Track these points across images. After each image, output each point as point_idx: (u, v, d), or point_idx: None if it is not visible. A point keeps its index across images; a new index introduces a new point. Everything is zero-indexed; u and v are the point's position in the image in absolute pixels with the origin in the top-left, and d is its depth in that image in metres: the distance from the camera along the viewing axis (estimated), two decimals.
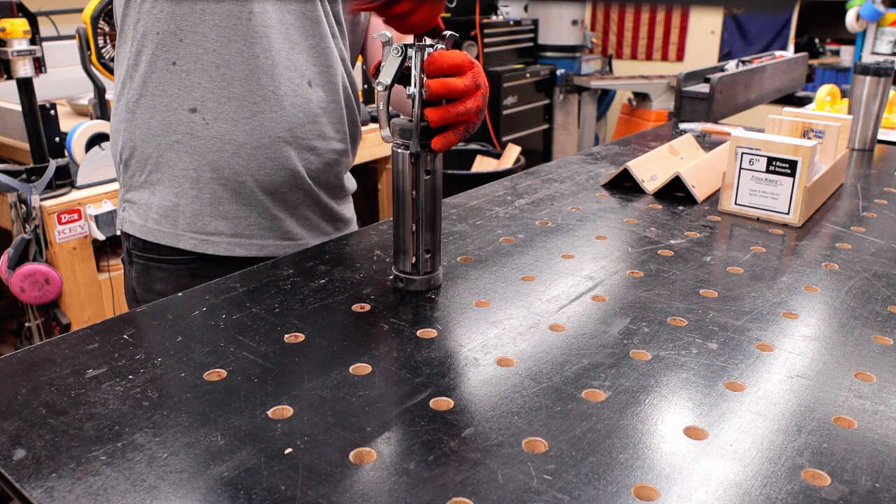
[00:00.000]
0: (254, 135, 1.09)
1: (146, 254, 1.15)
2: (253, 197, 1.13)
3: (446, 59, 0.84)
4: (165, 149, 1.10)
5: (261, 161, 1.11)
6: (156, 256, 1.14)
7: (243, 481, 0.59)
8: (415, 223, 0.92)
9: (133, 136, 1.12)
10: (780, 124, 1.48)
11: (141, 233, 1.14)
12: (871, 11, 4.46)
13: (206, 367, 0.76)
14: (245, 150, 1.10)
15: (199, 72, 1.06)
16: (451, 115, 0.85)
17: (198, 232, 1.12)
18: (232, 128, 1.08)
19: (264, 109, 1.09)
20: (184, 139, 1.09)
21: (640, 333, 0.85)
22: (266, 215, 1.15)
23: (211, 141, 1.09)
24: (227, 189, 1.11)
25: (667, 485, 0.60)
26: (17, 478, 0.59)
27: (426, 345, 0.82)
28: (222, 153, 1.09)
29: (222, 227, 1.13)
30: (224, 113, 1.08)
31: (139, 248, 1.15)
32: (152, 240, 1.13)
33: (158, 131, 1.10)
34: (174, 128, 1.09)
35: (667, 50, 6.01)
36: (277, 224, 1.16)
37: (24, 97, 2.17)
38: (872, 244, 1.16)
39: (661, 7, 5.82)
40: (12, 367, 0.76)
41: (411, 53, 0.84)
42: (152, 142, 1.10)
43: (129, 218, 1.15)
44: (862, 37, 4.67)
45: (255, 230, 1.15)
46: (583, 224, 1.23)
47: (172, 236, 1.12)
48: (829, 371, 0.78)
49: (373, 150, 3.06)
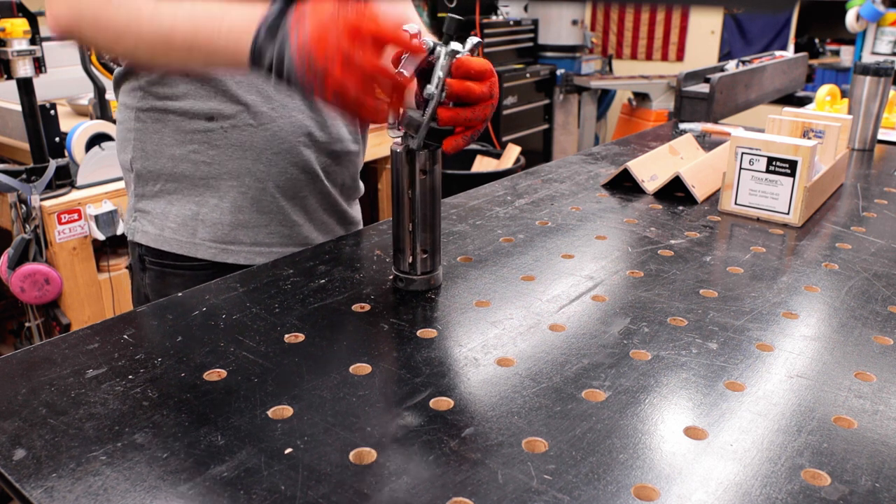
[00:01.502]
0: (274, 140, 1.08)
1: (162, 259, 1.13)
2: (274, 203, 1.12)
3: (474, 65, 0.83)
4: (181, 159, 1.08)
5: (282, 166, 1.10)
6: (172, 262, 1.12)
7: (243, 481, 0.59)
8: (411, 223, 0.92)
9: (145, 146, 1.09)
10: (780, 124, 1.48)
11: (156, 242, 1.11)
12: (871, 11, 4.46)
13: (205, 367, 0.76)
14: (266, 156, 1.08)
15: (213, 80, 1.04)
16: (460, 118, 0.84)
17: (217, 241, 1.11)
18: (251, 135, 1.07)
19: (283, 115, 1.08)
20: (201, 149, 1.07)
21: (640, 333, 0.85)
22: (286, 222, 1.14)
23: (230, 149, 1.07)
24: (248, 197, 1.10)
25: (667, 485, 0.60)
26: (17, 478, 0.59)
27: (426, 345, 0.82)
28: (243, 160, 1.08)
29: (242, 235, 1.11)
30: (242, 120, 1.06)
31: (154, 255, 1.13)
32: (169, 249, 1.11)
33: (173, 142, 1.07)
34: (190, 137, 1.07)
35: (667, 50, 6.01)
36: (297, 231, 1.16)
37: (24, 97, 2.17)
38: (872, 244, 1.16)
39: (661, 7, 5.82)
40: (12, 367, 0.76)
41: (439, 52, 0.83)
42: (166, 152, 1.08)
43: (143, 228, 1.13)
44: (862, 37, 4.67)
45: (274, 238, 1.14)
46: (583, 224, 1.23)
47: (191, 246, 1.10)
48: (829, 371, 0.78)
49: (373, 150, 3.06)
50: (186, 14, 0.80)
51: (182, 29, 0.80)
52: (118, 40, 0.86)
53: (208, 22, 0.79)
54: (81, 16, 0.85)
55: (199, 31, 0.80)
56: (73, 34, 0.88)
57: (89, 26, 0.86)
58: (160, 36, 0.82)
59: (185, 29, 0.80)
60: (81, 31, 0.86)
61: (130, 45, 0.85)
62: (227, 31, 0.78)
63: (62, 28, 0.87)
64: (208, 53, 0.80)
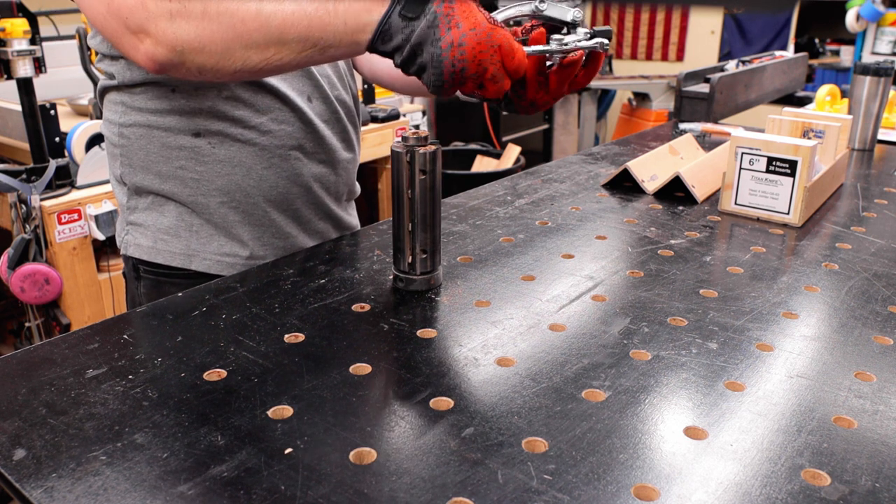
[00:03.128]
0: (263, 154, 1.06)
1: (157, 269, 1.11)
2: (266, 217, 1.10)
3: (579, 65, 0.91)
4: (169, 176, 1.05)
5: (272, 181, 1.08)
6: (167, 272, 1.10)
7: (243, 481, 0.59)
8: (411, 223, 0.92)
9: (132, 161, 1.07)
10: (780, 124, 1.48)
11: (149, 255, 1.09)
12: (871, 11, 4.47)
13: (206, 367, 0.76)
14: (256, 171, 1.07)
15: (199, 97, 1.02)
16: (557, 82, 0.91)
17: (212, 253, 1.09)
18: (239, 150, 1.05)
19: (272, 129, 1.06)
20: (188, 165, 1.05)
21: (640, 333, 0.85)
22: (279, 234, 1.12)
23: (219, 165, 1.05)
24: (239, 212, 1.08)
25: (667, 485, 0.60)
26: (17, 478, 0.59)
27: (426, 345, 0.82)
28: (232, 176, 1.06)
29: (237, 248, 1.10)
30: (230, 135, 1.04)
31: (148, 264, 1.11)
32: (162, 261, 1.09)
33: (159, 158, 1.05)
34: (177, 154, 1.04)
35: (667, 50, 6.01)
36: (291, 241, 1.14)
37: (24, 97, 2.17)
38: (872, 244, 1.16)
39: (661, 7, 5.82)
40: (12, 367, 0.76)
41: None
42: (153, 168, 1.06)
43: (135, 241, 1.11)
44: (862, 37, 4.67)
45: (269, 250, 1.12)
46: (583, 224, 1.23)
47: (184, 257, 1.09)
48: (829, 371, 0.78)
49: (373, 149, 3.06)
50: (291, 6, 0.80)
51: (293, 21, 0.79)
52: (227, 54, 0.82)
53: (320, 6, 0.79)
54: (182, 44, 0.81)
55: (311, 18, 0.79)
56: (175, 67, 0.83)
57: (193, 51, 0.82)
58: (272, 33, 0.80)
59: (296, 20, 0.79)
60: (185, 61, 0.83)
61: (239, 55, 0.82)
62: (343, 12, 0.79)
63: (162, 65, 0.83)
64: (325, 39, 0.80)
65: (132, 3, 0.80)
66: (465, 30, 0.78)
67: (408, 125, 3.26)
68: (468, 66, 0.79)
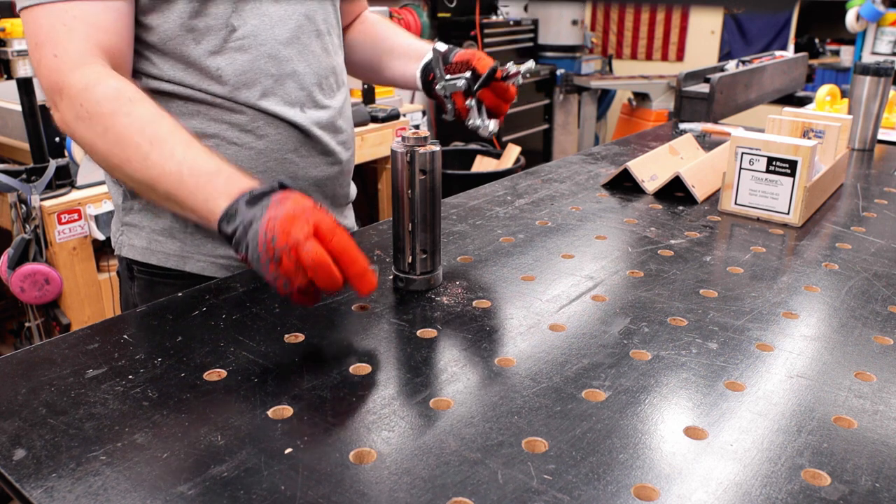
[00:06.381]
0: (259, 158, 1.06)
1: (151, 269, 1.10)
2: None
3: None
4: None
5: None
6: (161, 272, 1.10)
7: (243, 481, 0.59)
8: (411, 223, 0.92)
9: None
10: (780, 124, 1.48)
11: (143, 256, 1.09)
12: (871, 11, 4.47)
13: (205, 367, 0.76)
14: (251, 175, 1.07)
15: (195, 101, 1.02)
16: None
17: (207, 255, 1.09)
18: (236, 154, 1.05)
19: (268, 133, 1.06)
20: None
21: (640, 333, 0.85)
22: None
23: None
24: None
25: (667, 485, 0.60)
26: (17, 478, 0.59)
27: (426, 345, 0.82)
28: None
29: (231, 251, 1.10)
30: (227, 139, 1.04)
31: (142, 264, 1.11)
32: (156, 262, 1.09)
33: None
34: None
35: (667, 50, 6.01)
36: None
37: (24, 97, 2.17)
38: (872, 244, 1.16)
39: (661, 7, 5.82)
40: (12, 367, 0.76)
41: None
42: None
43: (130, 242, 1.10)
44: (862, 37, 4.67)
45: None
46: (583, 224, 1.23)
47: (178, 259, 1.09)
48: (829, 371, 0.78)
49: (373, 150, 3.06)
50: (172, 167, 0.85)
51: (167, 179, 0.85)
52: (109, 169, 0.91)
53: (190, 180, 0.84)
54: (79, 135, 0.90)
55: (181, 184, 0.84)
56: (73, 138, 0.93)
57: (85, 146, 0.91)
58: (147, 179, 0.87)
59: (170, 180, 0.85)
60: (77, 142, 0.92)
61: (118, 175, 0.92)
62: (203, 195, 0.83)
63: (63, 129, 0.93)
64: (183, 207, 0.86)
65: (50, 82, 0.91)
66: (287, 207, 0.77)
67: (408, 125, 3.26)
68: (280, 230, 0.76)
